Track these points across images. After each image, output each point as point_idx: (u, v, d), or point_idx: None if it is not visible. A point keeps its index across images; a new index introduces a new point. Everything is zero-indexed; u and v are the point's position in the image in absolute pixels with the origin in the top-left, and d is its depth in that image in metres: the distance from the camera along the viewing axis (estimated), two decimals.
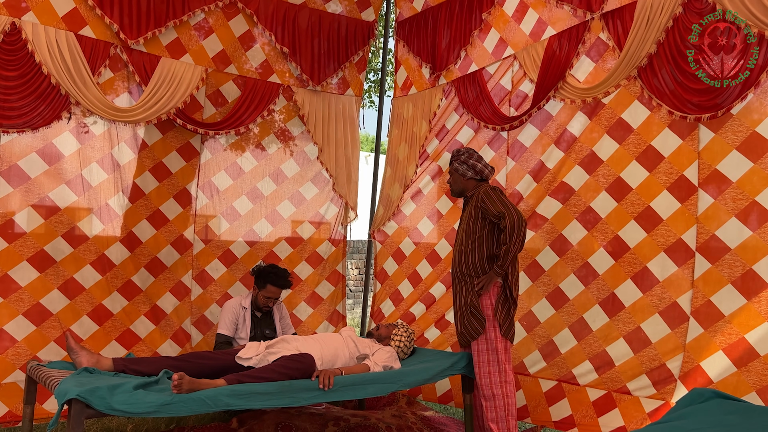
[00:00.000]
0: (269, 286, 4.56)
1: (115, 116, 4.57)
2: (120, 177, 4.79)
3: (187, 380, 3.11)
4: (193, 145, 5.16)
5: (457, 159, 4.02)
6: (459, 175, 4.01)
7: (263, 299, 4.60)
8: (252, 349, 3.85)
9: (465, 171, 3.98)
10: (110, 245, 4.75)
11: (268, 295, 4.58)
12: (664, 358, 3.72)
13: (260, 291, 4.59)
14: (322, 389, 3.43)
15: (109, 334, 4.73)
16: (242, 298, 4.70)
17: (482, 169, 3.97)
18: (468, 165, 3.97)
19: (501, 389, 3.81)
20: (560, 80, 4.24)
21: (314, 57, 5.56)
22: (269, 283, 4.56)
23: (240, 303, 4.67)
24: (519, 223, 3.64)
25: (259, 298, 4.61)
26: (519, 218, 3.65)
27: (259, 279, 4.60)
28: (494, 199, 3.75)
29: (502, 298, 3.81)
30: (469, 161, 3.96)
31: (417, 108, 5.47)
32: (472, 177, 3.98)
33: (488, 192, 3.80)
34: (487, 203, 3.76)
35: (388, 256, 5.71)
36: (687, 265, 3.69)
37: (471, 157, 3.98)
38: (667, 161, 3.80)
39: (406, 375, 3.86)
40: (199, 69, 5.01)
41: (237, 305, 4.65)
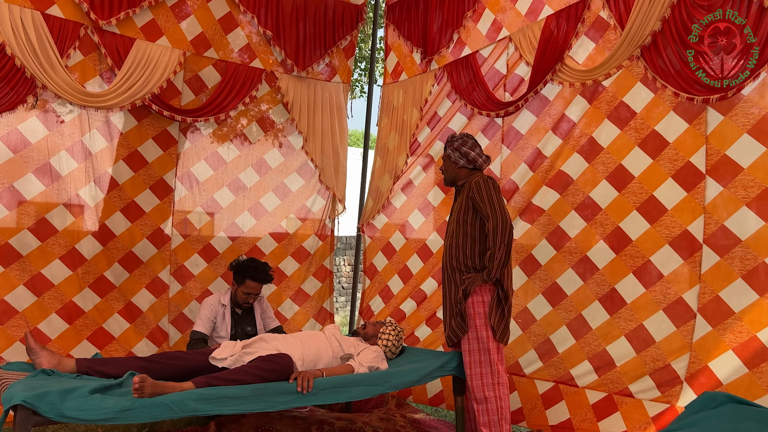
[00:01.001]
0: (248, 282, 4.30)
1: (85, 101, 4.30)
2: (92, 166, 4.52)
3: (150, 383, 2.85)
4: (170, 133, 4.89)
5: (451, 145, 3.75)
6: (451, 162, 3.75)
7: (242, 295, 4.34)
8: (227, 349, 3.60)
9: (457, 158, 3.71)
10: (81, 239, 4.48)
11: (248, 290, 4.31)
12: (669, 359, 3.47)
13: (239, 287, 4.33)
14: (300, 392, 3.17)
15: (80, 333, 4.46)
16: (221, 295, 4.44)
17: (475, 158, 3.70)
18: (461, 152, 3.70)
19: (494, 391, 3.55)
20: (558, 62, 3.98)
21: (299, 41, 5.29)
22: (248, 278, 4.29)
23: (219, 300, 4.40)
24: (503, 227, 3.37)
25: (238, 294, 4.34)
26: (503, 221, 3.38)
27: (238, 274, 4.33)
28: (483, 195, 3.48)
29: (495, 300, 3.55)
30: (462, 148, 3.70)
31: (408, 95, 5.20)
32: (464, 165, 3.72)
33: (479, 184, 3.52)
34: (477, 199, 3.51)
35: (377, 251, 5.45)
36: (693, 258, 3.44)
37: (464, 144, 3.71)
38: (672, 147, 3.54)
39: (392, 376, 3.60)
40: (177, 52, 4.75)
41: (215, 302, 4.39)
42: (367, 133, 5.87)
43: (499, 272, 3.42)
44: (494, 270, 3.40)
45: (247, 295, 4.33)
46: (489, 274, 3.42)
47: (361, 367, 3.68)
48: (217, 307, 4.38)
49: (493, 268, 3.39)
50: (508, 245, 3.39)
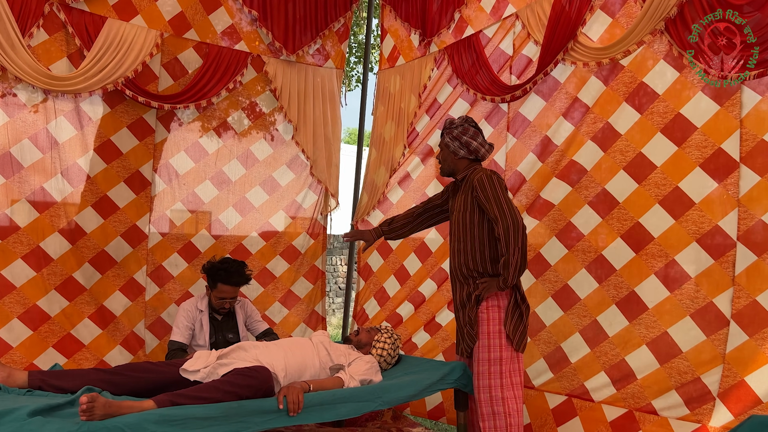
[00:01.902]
0: (220, 285, 3.87)
1: (49, 85, 3.92)
2: (58, 157, 4.13)
3: (102, 403, 2.45)
4: (147, 122, 4.49)
5: (449, 132, 3.35)
6: (450, 152, 3.35)
7: (216, 300, 3.92)
8: (201, 360, 3.21)
9: (457, 148, 3.31)
10: (47, 236, 4.09)
11: (221, 295, 3.90)
12: (699, 371, 3.06)
13: (212, 291, 3.92)
14: (280, 410, 2.78)
15: (46, 340, 4.07)
16: (198, 299, 4.03)
17: (477, 148, 3.30)
18: (461, 142, 3.30)
19: (503, 406, 3.14)
20: (570, 40, 3.58)
21: (288, 23, 4.89)
22: (219, 281, 3.87)
23: (195, 305, 4.00)
24: (515, 230, 2.97)
25: (213, 299, 3.94)
26: (515, 223, 2.98)
27: (209, 278, 3.92)
28: (489, 195, 3.08)
29: (512, 304, 3.16)
30: (463, 137, 3.30)
31: (405, 81, 4.80)
32: (464, 156, 3.32)
33: (483, 182, 3.12)
34: (482, 199, 3.11)
35: (373, 250, 5.05)
36: (726, 257, 3.03)
37: (466, 132, 3.31)
38: (701, 132, 3.13)
39: (386, 391, 3.20)
40: (153, 33, 4.36)
41: (192, 307, 3.98)
42: (361, 122, 5.46)
43: (516, 279, 3.03)
44: (510, 277, 3.00)
45: (221, 300, 3.92)
46: (505, 282, 3.03)
47: (352, 381, 3.30)
48: (194, 313, 3.97)
49: (509, 276, 3.00)
50: (522, 249, 2.99)
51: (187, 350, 3.91)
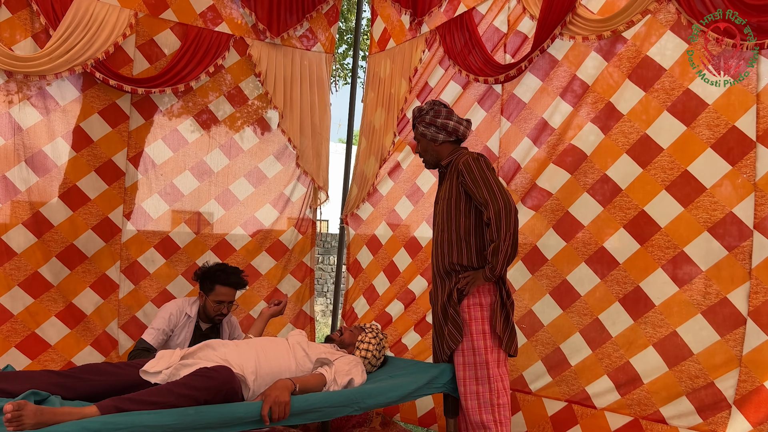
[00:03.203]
0: (218, 288, 3.58)
1: (11, 65, 3.67)
2: (22, 144, 3.87)
3: (32, 411, 2.17)
4: (120, 108, 4.22)
5: (422, 121, 3.06)
6: (428, 141, 3.06)
7: (214, 305, 3.61)
8: (163, 360, 2.92)
9: (435, 134, 3.02)
10: (9, 229, 3.83)
11: (220, 298, 3.60)
12: (712, 375, 2.75)
13: (208, 296, 3.61)
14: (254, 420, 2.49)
15: (8, 340, 3.81)
16: (187, 304, 3.70)
17: (456, 127, 3.01)
18: (437, 126, 3.01)
19: (492, 414, 2.84)
20: (569, 13, 3.26)
21: (273, 3, 4.60)
22: (217, 283, 3.57)
23: (183, 309, 3.67)
24: (507, 212, 2.69)
25: (208, 305, 3.62)
26: (506, 204, 2.70)
27: (205, 281, 3.62)
28: (477, 176, 2.79)
29: (498, 302, 2.86)
30: (437, 120, 3.01)
31: (395, 64, 4.51)
32: (445, 140, 3.03)
33: (469, 165, 2.83)
34: (469, 183, 2.81)
35: (362, 245, 4.76)
36: (741, 248, 2.72)
37: (438, 115, 3.02)
38: (712, 110, 2.83)
39: (368, 396, 2.88)
40: (127, 12, 4.10)
41: (178, 311, 3.64)
42: (351, 111, 5.17)
43: (504, 268, 2.73)
44: (499, 265, 2.71)
45: (220, 304, 3.62)
46: (493, 271, 2.72)
47: (339, 377, 2.99)
48: (179, 318, 3.64)
49: (498, 263, 2.70)
50: (514, 234, 2.70)
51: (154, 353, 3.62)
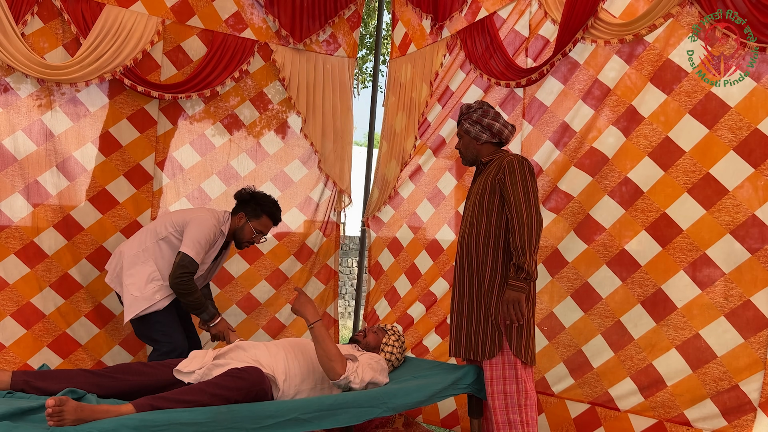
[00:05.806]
0: (265, 219, 3.58)
1: (44, 74, 3.77)
2: (54, 149, 3.97)
3: (72, 407, 2.24)
4: (149, 113, 4.31)
5: (468, 118, 3.08)
6: (471, 138, 3.09)
7: (251, 233, 3.58)
8: (196, 361, 3.01)
9: (479, 133, 3.05)
10: (41, 232, 3.93)
11: (262, 228, 3.60)
12: (737, 378, 2.75)
13: (250, 221, 3.57)
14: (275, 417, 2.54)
15: (40, 340, 3.91)
16: (220, 220, 3.55)
17: (501, 130, 3.04)
18: (482, 125, 3.04)
19: (520, 415, 2.87)
20: (591, 17, 3.30)
21: (296, 9, 4.67)
22: (267, 214, 3.57)
23: (220, 226, 3.53)
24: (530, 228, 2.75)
25: (246, 230, 3.58)
26: (538, 222, 2.78)
27: (253, 205, 3.58)
28: (517, 180, 2.81)
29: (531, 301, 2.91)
30: (483, 120, 3.04)
31: (416, 69, 4.56)
32: (488, 140, 3.06)
33: (513, 165, 2.85)
34: (507, 182, 2.83)
35: (383, 248, 4.81)
36: (764, 251, 2.72)
37: (486, 115, 3.05)
38: (735, 112, 2.84)
39: (392, 396, 2.91)
40: (154, 20, 4.19)
41: (215, 226, 3.48)
42: (372, 115, 5.23)
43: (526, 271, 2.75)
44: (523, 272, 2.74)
45: (259, 234, 3.61)
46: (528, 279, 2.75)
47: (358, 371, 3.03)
48: (217, 234, 3.53)
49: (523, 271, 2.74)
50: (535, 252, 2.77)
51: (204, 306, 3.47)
